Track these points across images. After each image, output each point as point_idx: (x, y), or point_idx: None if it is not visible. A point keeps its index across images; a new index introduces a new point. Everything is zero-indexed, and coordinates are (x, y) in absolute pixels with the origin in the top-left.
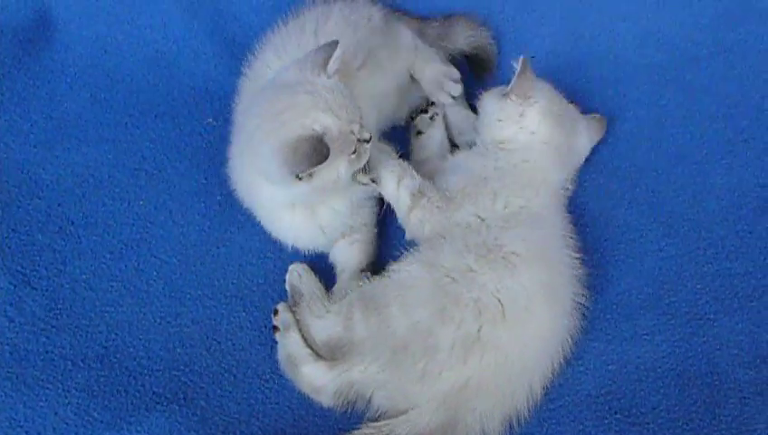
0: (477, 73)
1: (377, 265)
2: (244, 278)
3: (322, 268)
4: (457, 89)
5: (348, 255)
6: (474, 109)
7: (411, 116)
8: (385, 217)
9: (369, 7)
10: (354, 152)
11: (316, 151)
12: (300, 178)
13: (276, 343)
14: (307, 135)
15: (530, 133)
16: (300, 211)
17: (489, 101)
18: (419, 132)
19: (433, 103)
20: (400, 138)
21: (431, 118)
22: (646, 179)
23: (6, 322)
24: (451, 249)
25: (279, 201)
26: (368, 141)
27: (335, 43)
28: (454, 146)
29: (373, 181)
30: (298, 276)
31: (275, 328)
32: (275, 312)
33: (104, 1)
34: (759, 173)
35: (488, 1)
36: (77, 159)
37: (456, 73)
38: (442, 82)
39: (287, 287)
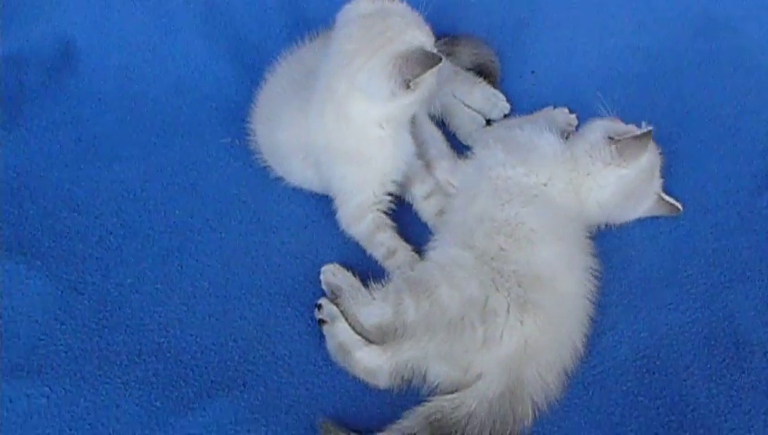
0: None
1: None
2: (285, 277)
3: (351, 266)
4: (507, 106)
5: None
6: None
7: None
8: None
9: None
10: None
11: (428, 58)
12: (409, 87)
13: (324, 336)
14: (414, 47)
15: (597, 185)
16: (388, 128)
17: (597, 131)
18: None
19: None
20: None
21: None
22: None
23: (58, 325)
24: (482, 232)
25: (372, 118)
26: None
27: None
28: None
29: None
30: (332, 275)
31: (321, 321)
32: (318, 307)
33: (126, 31)
34: (750, 161)
35: (489, 23)
36: (109, 176)
37: (500, 93)
38: (495, 102)
39: (324, 287)
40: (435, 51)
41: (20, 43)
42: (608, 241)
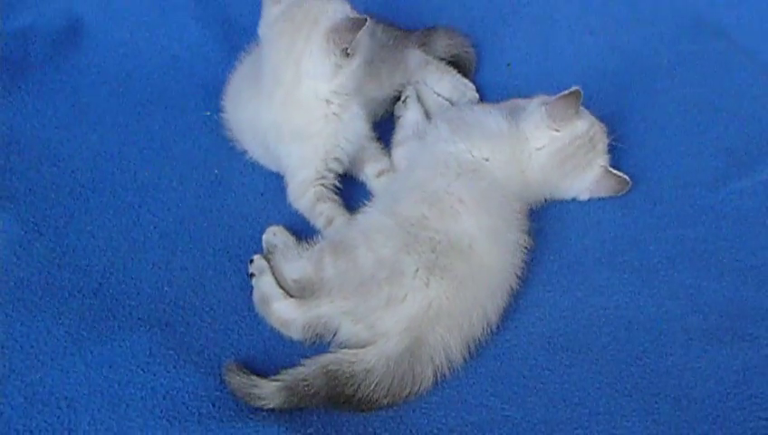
0: None
1: None
2: (233, 237)
3: (296, 231)
4: (476, 96)
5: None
6: None
7: None
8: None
9: (373, 25)
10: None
11: (354, 22)
12: (348, 55)
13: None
14: (339, 18)
15: (535, 148)
16: (335, 103)
17: (534, 101)
18: (399, 117)
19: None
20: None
21: (403, 102)
22: None
23: (14, 259)
24: (409, 200)
25: (322, 95)
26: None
27: None
28: None
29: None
30: (273, 234)
31: (252, 275)
32: (251, 261)
33: (129, 12)
34: (711, 159)
35: (470, 15)
36: (92, 138)
37: (470, 83)
38: (464, 91)
39: (263, 245)
40: (357, 14)
41: (32, 17)
42: (549, 223)
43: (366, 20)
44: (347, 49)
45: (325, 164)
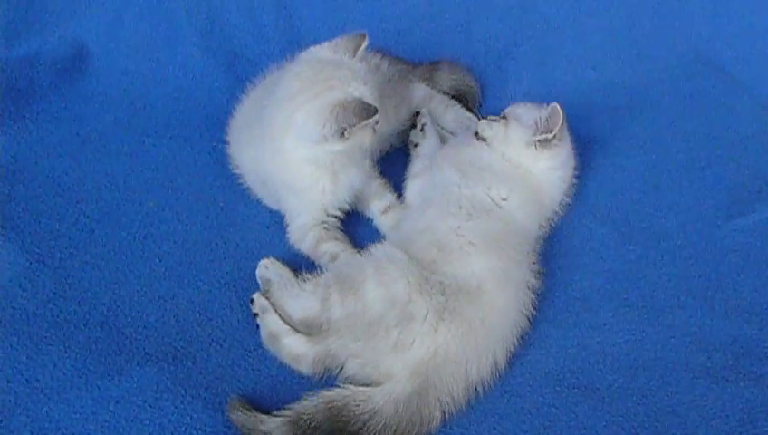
0: None
1: None
2: (238, 271)
3: (290, 263)
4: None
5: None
6: None
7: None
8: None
9: (379, 58)
10: (377, 123)
11: (365, 109)
12: (342, 135)
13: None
14: (353, 97)
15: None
16: (322, 169)
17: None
18: (416, 145)
19: (418, 114)
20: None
21: (421, 129)
22: (609, 199)
23: (19, 290)
24: (420, 243)
25: (301, 156)
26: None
27: (364, 34)
28: None
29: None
30: (265, 268)
31: (256, 314)
32: (252, 301)
33: (135, 41)
34: (715, 195)
35: (474, 49)
36: (98, 168)
37: (473, 117)
38: (468, 124)
39: (258, 280)
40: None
41: (37, 45)
42: (555, 260)
43: (376, 111)
44: (344, 130)
45: (324, 212)
